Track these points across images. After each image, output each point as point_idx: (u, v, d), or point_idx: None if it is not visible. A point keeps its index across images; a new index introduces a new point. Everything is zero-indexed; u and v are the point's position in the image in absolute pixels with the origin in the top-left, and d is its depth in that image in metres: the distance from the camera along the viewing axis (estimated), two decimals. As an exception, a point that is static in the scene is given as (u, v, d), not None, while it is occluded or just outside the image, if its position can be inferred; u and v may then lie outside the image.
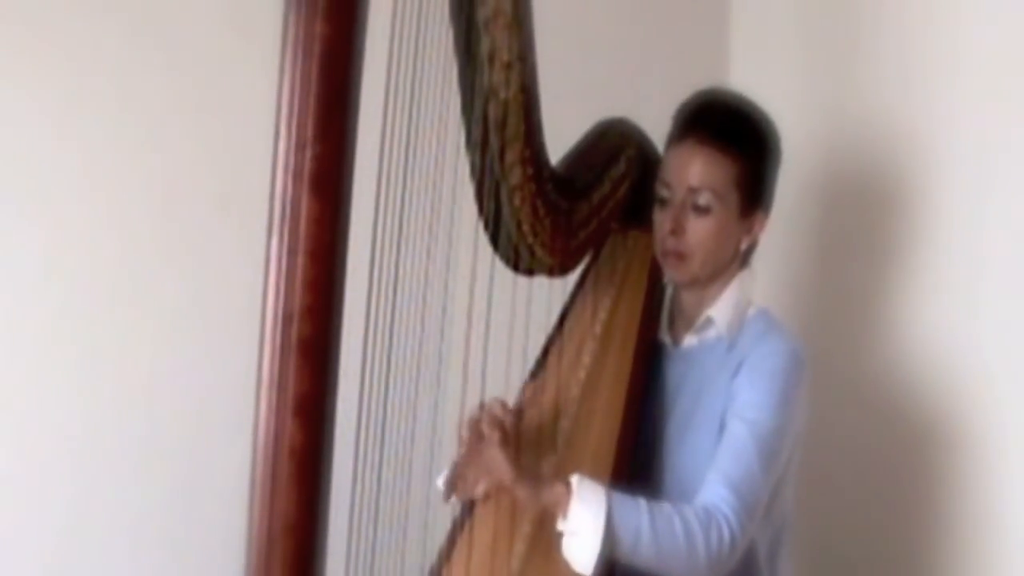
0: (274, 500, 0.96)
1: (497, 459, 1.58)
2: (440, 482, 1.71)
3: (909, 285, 2.13)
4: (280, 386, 0.95)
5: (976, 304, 1.99)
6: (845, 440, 2.18)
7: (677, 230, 1.76)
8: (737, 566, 1.67)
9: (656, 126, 1.90)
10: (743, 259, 1.84)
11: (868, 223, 2.24)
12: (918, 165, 2.11)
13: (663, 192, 1.79)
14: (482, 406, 1.66)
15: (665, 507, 1.59)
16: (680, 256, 1.78)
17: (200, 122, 2.28)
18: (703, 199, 1.75)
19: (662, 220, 1.79)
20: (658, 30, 2.70)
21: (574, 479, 1.55)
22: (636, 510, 1.56)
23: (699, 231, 1.76)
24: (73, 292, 2.23)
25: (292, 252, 0.95)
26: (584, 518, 1.53)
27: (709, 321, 1.81)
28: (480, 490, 1.62)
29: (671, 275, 1.84)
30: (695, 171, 1.75)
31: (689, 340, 1.83)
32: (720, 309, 1.80)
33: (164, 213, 2.27)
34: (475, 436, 1.64)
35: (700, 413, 1.75)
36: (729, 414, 1.70)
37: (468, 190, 1.52)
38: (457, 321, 1.48)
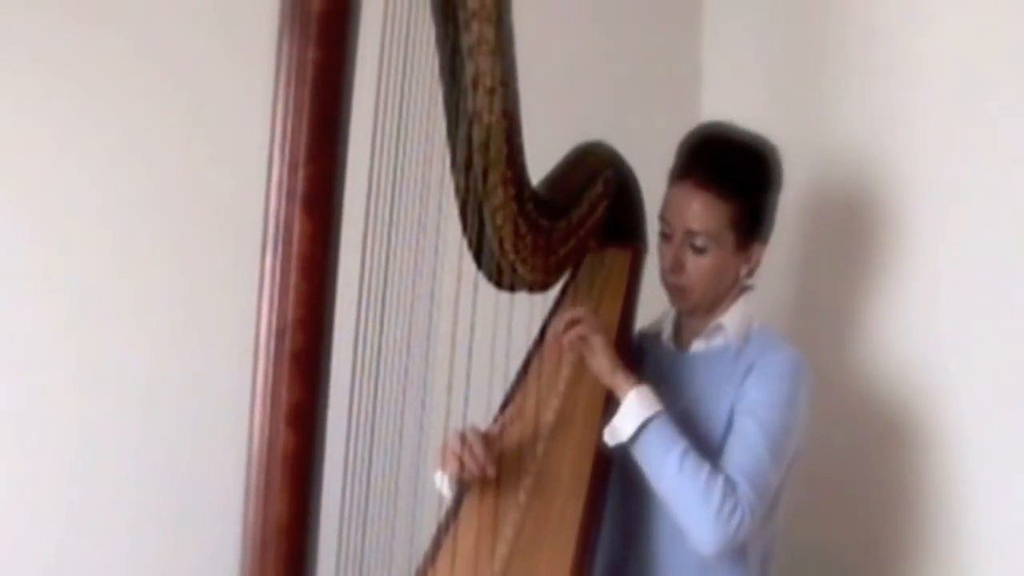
0: (268, 504, 0.95)
1: (595, 320, 1.75)
2: (437, 479, 1.74)
3: (875, 296, 2.15)
4: (274, 395, 0.95)
5: (936, 314, 2.02)
6: (823, 439, 2.18)
7: (676, 267, 1.79)
8: (730, 570, 1.69)
9: (632, 149, 1.90)
10: (746, 278, 1.85)
11: (833, 238, 2.26)
12: (879, 189, 2.13)
13: (664, 227, 1.80)
14: (463, 437, 1.69)
15: (705, 459, 1.64)
16: (681, 289, 1.80)
17: (197, 144, 2.28)
18: (699, 241, 1.76)
19: (664, 254, 1.82)
20: (634, 57, 2.72)
21: (638, 387, 1.68)
22: (673, 439, 1.65)
23: (697, 268, 1.78)
24: (75, 306, 2.22)
25: (285, 268, 0.94)
26: (627, 415, 1.66)
27: (719, 327, 1.82)
28: (574, 334, 1.73)
29: (674, 304, 1.86)
30: (692, 215, 1.76)
31: (697, 345, 1.85)
32: (730, 317, 1.82)
33: (163, 230, 2.27)
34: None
35: (705, 413, 1.76)
36: (738, 412, 1.72)
37: (453, 209, 1.52)
38: (443, 333, 1.49)
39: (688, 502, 1.62)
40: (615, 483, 1.73)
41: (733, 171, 1.76)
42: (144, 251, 2.26)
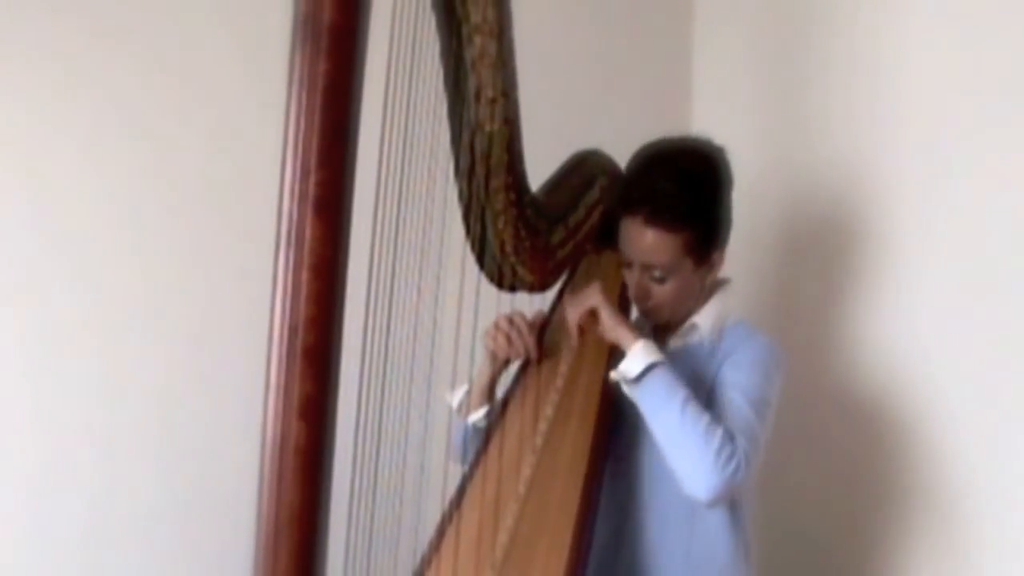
0: (280, 494, 0.95)
1: (593, 289, 1.73)
2: (452, 399, 1.80)
3: (858, 293, 2.16)
4: (286, 390, 0.95)
5: (916, 308, 2.02)
6: (806, 432, 2.19)
7: (641, 296, 1.79)
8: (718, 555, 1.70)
9: (625, 157, 1.90)
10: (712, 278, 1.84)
11: (818, 242, 2.26)
12: (863, 194, 2.13)
13: (623, 257, 1.80)
14: (511, 320, 1.78)
15: (705, 409, 1.63)
16: (650, 312, 1.81)
17: (213, 151, 2.29)
18: (657, 273, 1.75)
19: (628, 281, 1.81)
20: (628, 72, 2.72)
21: (645, 340, 1.67)
22: (676, 386, 1.63)
23: (662, 293, 1.78)
24: (97, 306, 2.23)
25: (297, 268, 0.94)
26: (634, 358, 1.66)
27: (694, 326, 1.81)
28: (574, 317, 1.75)
29: (649, 321, 1.85)
30: (646, 249, 1.74)
31: (674, 342, 1.84)
32: (704, 316, 1.81)
33: (181, 233, 2.28)
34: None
35: None
36: (718, 393, 1.71)
37: (456, 214, 1.52)
38: (447, 332, 1.49)
39: (689, 445, 1.59)
40: (605, 476, 1.72)
41: (678, 200, 1.70)
42: (162, 253, 2.26)
